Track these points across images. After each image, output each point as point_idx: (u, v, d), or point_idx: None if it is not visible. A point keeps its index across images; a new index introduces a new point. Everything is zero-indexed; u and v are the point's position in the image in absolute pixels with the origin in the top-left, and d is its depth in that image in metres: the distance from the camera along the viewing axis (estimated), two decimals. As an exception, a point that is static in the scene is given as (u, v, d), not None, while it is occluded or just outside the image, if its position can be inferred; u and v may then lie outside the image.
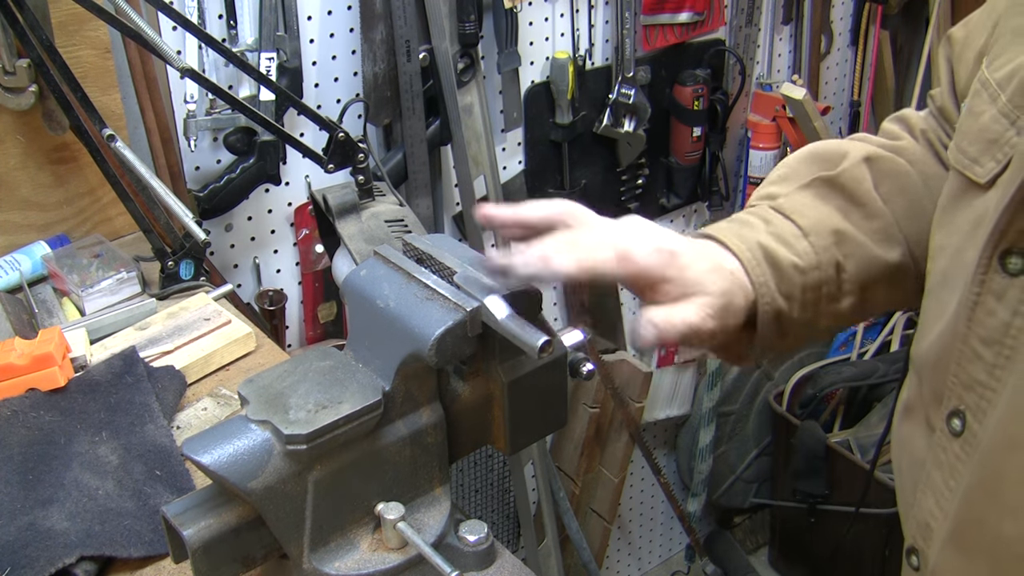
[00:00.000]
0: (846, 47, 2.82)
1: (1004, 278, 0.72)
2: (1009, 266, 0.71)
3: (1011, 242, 0.71)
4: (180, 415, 1.18)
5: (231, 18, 1.71)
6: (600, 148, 2.33)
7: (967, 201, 0.78)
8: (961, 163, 0.79)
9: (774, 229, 0.89)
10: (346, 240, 1.25)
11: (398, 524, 0.82)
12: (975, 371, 0.74)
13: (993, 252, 0.72)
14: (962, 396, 0.76)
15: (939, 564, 0.80)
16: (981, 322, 0.74)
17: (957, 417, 0.77)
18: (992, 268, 0.72)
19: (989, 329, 0.73)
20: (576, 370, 0.92)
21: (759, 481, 2.97)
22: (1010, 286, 0.71)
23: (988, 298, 0.73)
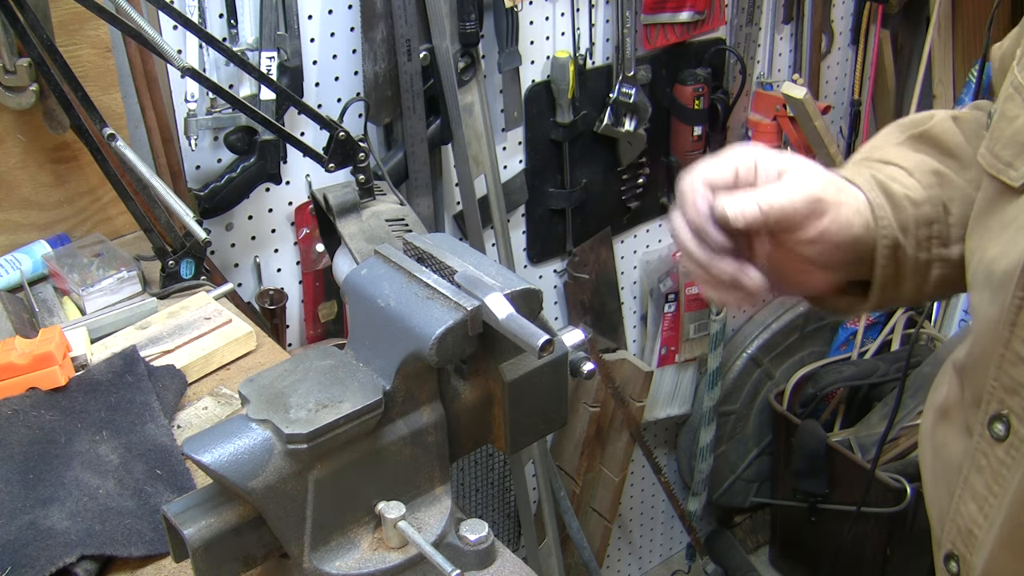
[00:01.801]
0: (847, 46, 2.82)
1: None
2: None
3: None
4: (181, 414, 1.18)
5: (232, 17, 1.71)
6: (601, 147, 2.33)
7: (1001, 206, 0.78)
8: (995, 167, 0.79)
9: (880, 170, 0.91)
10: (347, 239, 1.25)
11: (399, 523, 0.82)
12: (1019, 375, 0.74)
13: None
14: (1004, 400, 0.75)
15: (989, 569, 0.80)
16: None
17: (1000, 422, 0.76)
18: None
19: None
20: (577, 369, 0.92)
21: (760, 480, 2.97)
22: None
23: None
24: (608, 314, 2.54)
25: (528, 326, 0.77)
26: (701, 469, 2.79)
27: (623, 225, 2.51)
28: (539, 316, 0.84)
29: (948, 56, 2.68)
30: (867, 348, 2.77)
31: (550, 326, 0.84)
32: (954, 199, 0.90)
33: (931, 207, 0.89)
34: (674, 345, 2.65)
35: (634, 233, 2.55)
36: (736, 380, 2.77)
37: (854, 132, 2.85)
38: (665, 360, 2.67)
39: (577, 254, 2.40)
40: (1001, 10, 2.56)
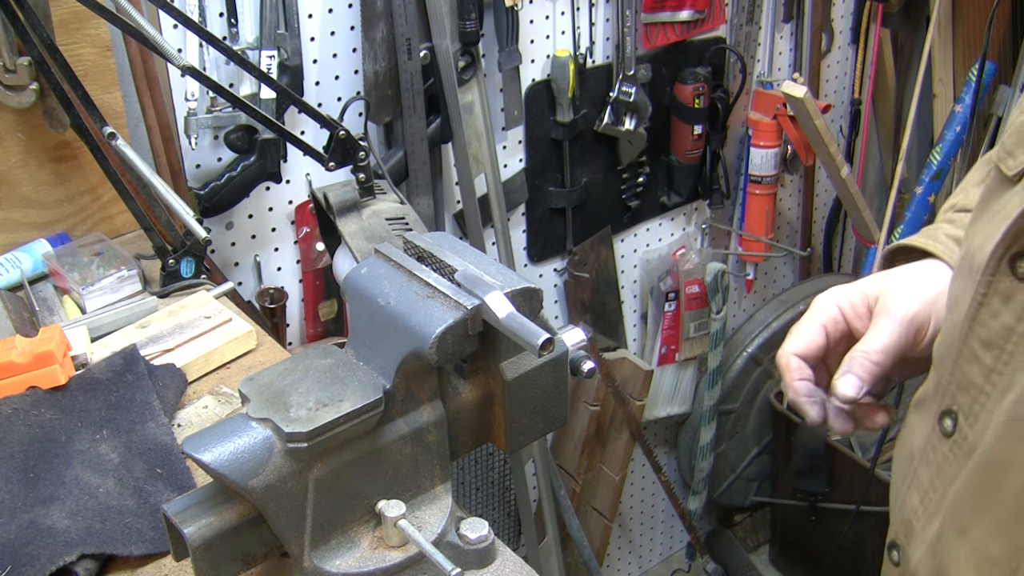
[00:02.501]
0: (847, 45, 2.82)
1: (1013, 281, 0.70)
2: (1019, 270, 0.69)
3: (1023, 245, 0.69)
4: (181, 413, 1.18)
5: (232, 16, 1.71)
6: (601, 146, 2.33)
7: (997, 195, 0.76)
8: (999, 155, 0.77)
9: (960, 223, 0.90)
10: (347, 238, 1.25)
11: (399, 522, 0.82)
12: (971, 372, 0.73)
13: (1004, 253, 0.70)
14: (955, 396, 0.75)
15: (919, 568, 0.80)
16: (984, 323, 0.72)
17: (949, 417, 0.76)
18: (1001, 270, 0.70)
19: (991, 331, 0.71)
20: (577, 368, 0.92)
21: (760, 479, 2.97)
22: (1018, 290, 0.69)
23: (994, 299, 0.71)
24: (608, 313, 2.54)
25: (528, 325, 0.77)
26: (701, 468, 2.79)
27: (623, 224, 2.51)
28: (539, 315, 0.84)
29: (948, 55, 2.68)
30: (867, 347, 2.76)
31: (550, 325, 0.84)
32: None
33: None
34: (674, 344, 2.65)
35: (634, 232, 2.55)
36: (736, 379, 2.77)
37: (854, 131, 2.85)
38: (665, 359, 2.67)
39: (577, 253, 2.40)
40: (1001, 10, 2.56)
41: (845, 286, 0.91)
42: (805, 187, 2.90)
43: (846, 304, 0.90)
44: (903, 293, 0.87)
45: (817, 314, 0.91)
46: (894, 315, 0.85)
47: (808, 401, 0.89)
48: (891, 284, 0.88)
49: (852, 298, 0.90)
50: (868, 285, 0.90)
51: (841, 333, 0.90)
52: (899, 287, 0.87)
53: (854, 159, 2.87)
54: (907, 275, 0.89)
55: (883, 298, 0.87)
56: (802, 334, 0.90)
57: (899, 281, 0.88)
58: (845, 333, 0.89)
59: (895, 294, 0.87)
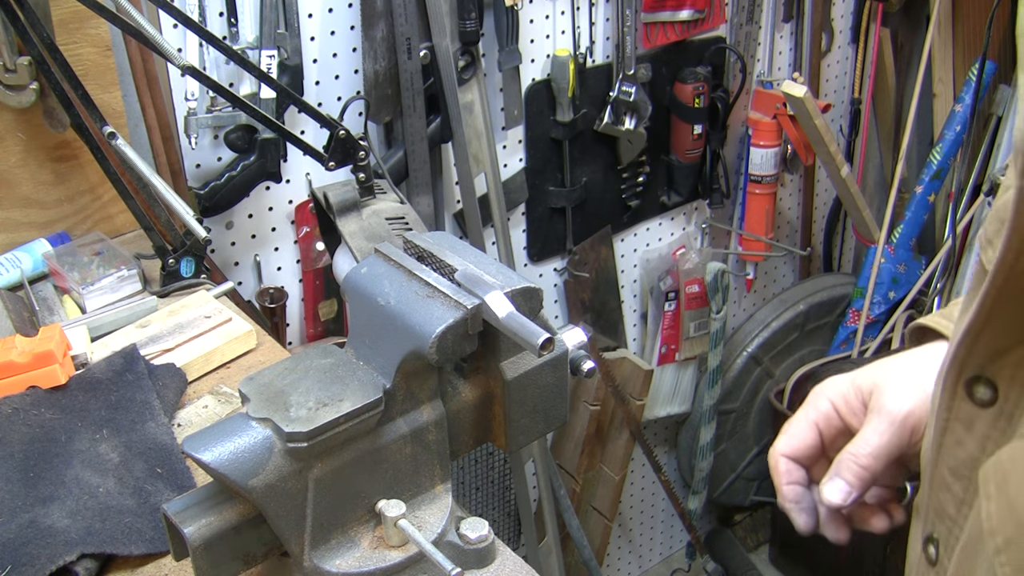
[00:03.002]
0: (847, 45, 2.82)
1: (972, 407, 0.63)
2: (977, 394, 0.62)
3: (976, 370, 0.62)
4: (181, 413, 1.18)
5: (232, 16, 1.71)
6: (601, 146, 2.33)
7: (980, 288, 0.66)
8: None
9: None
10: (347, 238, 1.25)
11: (399, 522, 0.82)
12: (945, 501, 0.67)
13: (958, 377, 0.63)
14: (935, 524, 0.70)
15: None
16: (950, 450, 0.66)
17: (932, 544, 0.70)
18: (959, 395, 0.63)
19: (957, 460, 0.65)
20: (577, 368, 0.92)
21: (760, 479, 2.97)
22: (978, 416, 0.62)
23: (957, 426, 0.64)
24: (608, 312, 2.54)
25: (528, 324, 0.77)
26: (701, 467, 2.79)
27: (623, 223, 2.51)
28: (539, 315, 0.84)
29: (948, 55, 2.68)
30: (867, 347, 2.76)
31: (550, 325, 0.84)
32: None
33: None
34: (674, 343, 2.65)
35: (634, 231, 2.55)
36: (736, 378, 2.77)
37: (854, 131, 2.85)
38: (665, 358, 2.67)
39: (577, 252, 2.40)
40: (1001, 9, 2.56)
41: (840, 378, 0.85)
42: (805, 187, 2.90)
43: (839, 399, 0.84)
44: (898, 388, 0.80)
45: (809, 411, 0.85)
46: (886, 414, 0.79)
47: (796, 508, 0.84)
48: (887, 377, 0.82)
49: (845, 392, 0.84)
50: (863, 377, 0.83)
51: (837, 429, 0.84)
52: (895, 380, 0.81)
53: (854, 159, 2.87)
54: (906, 365, 0.82)
55: (877, 393, 0.81)
56: (792, 433, 0.85)
57: (896, 373, 0.82)
58: (841, 429, 0.84)
59: (890, 389, 0.80)
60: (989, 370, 0.61)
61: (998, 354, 0.60)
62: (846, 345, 2.80)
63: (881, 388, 0.81)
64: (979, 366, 0.62)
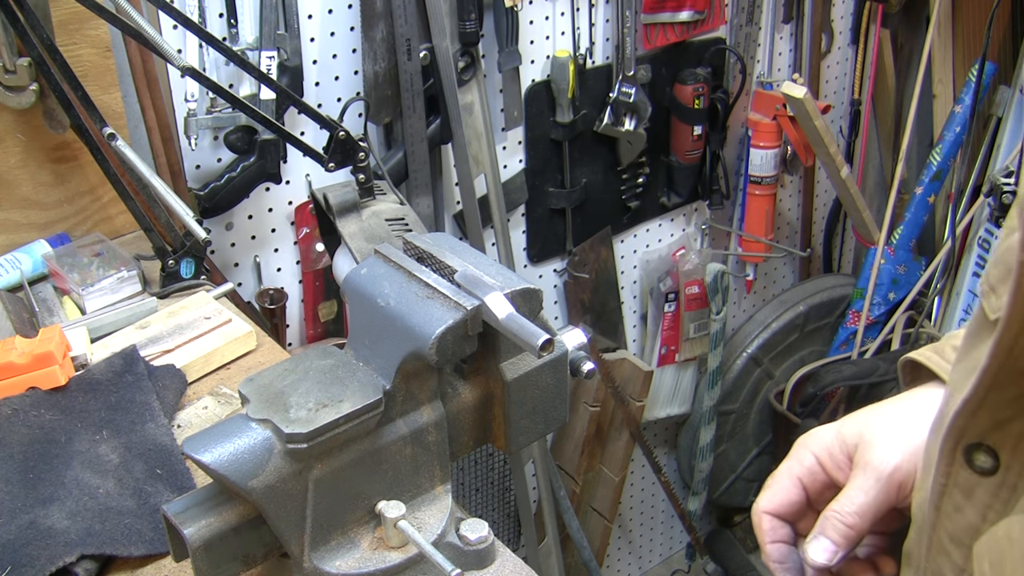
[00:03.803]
0: (847, 46, 2.82)
1: (971, 475, 0.60)
2: (977, 462, 0.60)
3: (976, 438, 0.59)
4: (181, 414, 1.18)
5: (232, 17, 1.71)
6: (601, 147, 2.33)
7: (982, 337, 0.63)
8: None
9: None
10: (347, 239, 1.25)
11: (399, 523, 0.82)
12: (943, 567, 0.65)
13: (956, 444, 0.60)
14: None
15: None
16: (949, 516, 0.63)
17: None
18: (957, 462, 0.61)
19: (957, 527, 0.62)
20: (576, 369, 0.92)
21: (760, 480, 2.96)
22: (979, 484, 0.60)
23: (955, 492, 0.62)
24: (608, 313, 2.54)
25: (528, 325, 0.77)
26: (701, 468, 2.79)
27: (623, 224, 2.51)
28: (539, 315, 0.84)
29: (948, 56, 2.68)
30: (867, 347, 2.76)
31: (550, 326, 0.84)
32: None
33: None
34: (674, 344, 2.65)
35: (634, 232, 2.55)
36: (736, 379, 2.77)
37: (854, 132, 2.85)
38: (665, 359, 2.67)
39: (577, 253, 2.40)
40: (1001, 10, 2.56)
41: (825, 430, 0.82)
42: (805, 187, 2.90)
43: (824, 452, 0.81)
44: (885, 442, 0.77)
45: (792, 464, 0.82)
46: (872, 470, 0.76)
47: (781, 568, 0.81)
48: (873, 429, 0.79)
49: (830, 445, 0.81)
50: (848, 428, 0.81)
51: (822, 484, 0.81)
52: (882, 433, 0.78)
53: (854, 159, 2.87)
54: (894, 416, 0.80)
55: (863, 447, 0.78)
56: (776, 489, 0.82)
57: (883, 425, 0.79)
58: (827, 483, 0.81)
59: (877, 443, 0.77)
60: (990, 438, 0.59)
61: (1000, 424, 0.58)
62: (846, 346, 2.80)
63: (867, 442, 0.78)
64: (980, 434, 0.59)
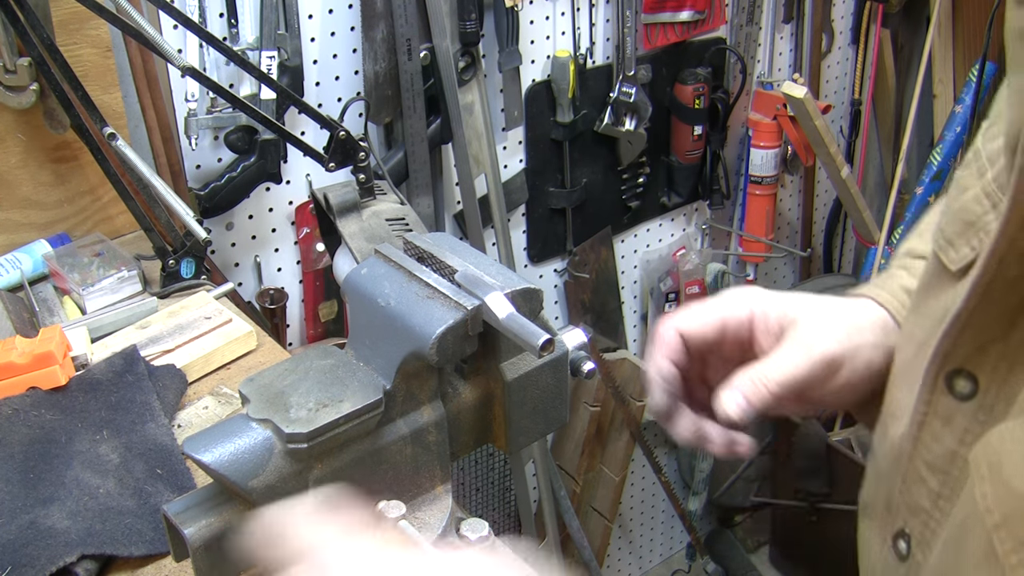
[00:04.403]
0: (847, 46, 2.82)
1: (951, 400, 0.62)
2: (957, 388, 0.62)
3: (958, 363, 0.61)
4: (181, 414, 1.18)
5: (232, 16, 1.71)
6: (601, 147, 2.33)
7: (939, 288, 0.67)
8: (938, 243, 0.68)
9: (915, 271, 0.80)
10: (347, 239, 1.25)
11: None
12: (919, 495, 0.66)
13: (939, 372, 0.63)
14: (907, 519, 0.68)
15: None
16: (927, 445, 0.65)
17: (903, 539, 0.69)
18: (938, 389, 0.63)
19: (935, 455, 0.64)
20: (577, 369, 0.92)
21: (760, 480, 2.96)
22: (958, 410, 0.62)
23: (934, 420, 0.64)
24: (608, 313, 2.54)
25: (528, 325, 0.77)
26: (701, 468, 2.79)
27: (623, 224, 2.51)
28: (539, 315, 0.84)
29: (948, 56, 2.68)
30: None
31: (550, 326, 0.84)
32: None
33: None
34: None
35: (634, 232, 2.55)
36: (736, 379, 2.77)
37: (854, 131, 2.85)
38: (665, 359, 2.67)
39: (577, 253, 2.40)
40: (1001, 10, 2.56)
41: (763, 292, 0.80)
42: (805, 187, 2.90)
43: (759, 312, 0.78)
44: (824, 328, 0.76)
45: (723, 306, 0.78)
46: (807, 348, 0.75)
47: (662, 387, 0.78)
48: (813, 313, 0.77)
49: (768, 309, 0.78)
50: (789, 303, 0.79)
51: (740, 340, 0.78)
52: (821, 320, 0.77)
53: (854, 159, 2.87)
54: (834, 310, 0.79)
55: (801, 325, 0.77)
56: (698, 316, 0.78)
57: (823, 313, 0.78)
58: (744, 342, 0.78)
59: (815, 326, 0.76)
60: (971, 363, 0.61)
61: (982, 347, 0.60)
62: (846, 346, 2.80)
63: (806, 321, 0.77)
64: (962, 359, 0.61)
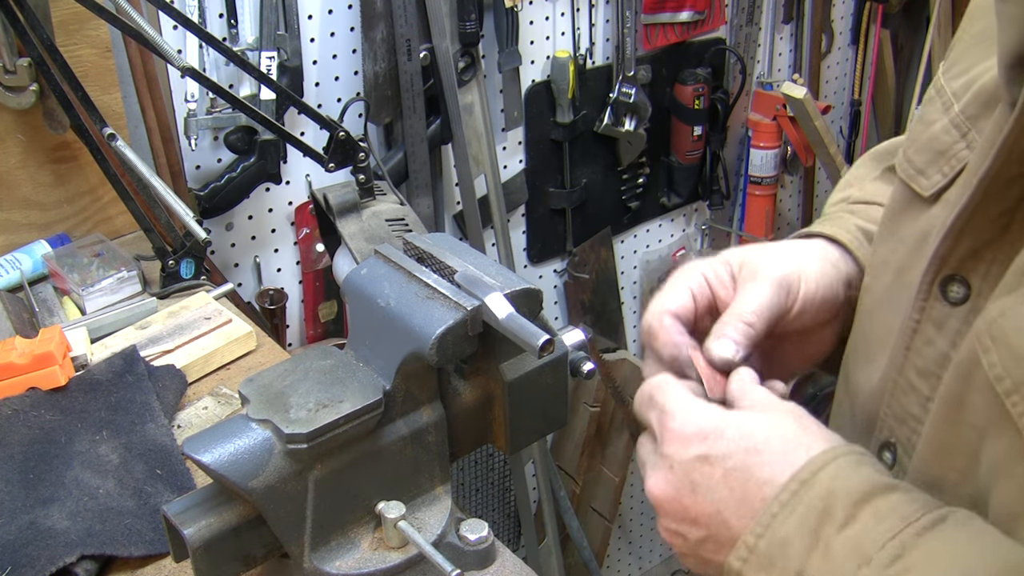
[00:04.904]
0: (847, 46, 2.82)
1: (945, 306, 0.66)
2: (950, 294, 0.66)
3: (953, 268, 0.66)
4: (181, 414, 1.18)
5: (232, 17, 1.71)
6: (601, 147, 2.33)
7: (912, 215, 0.73)
8: (907, 173, 0.74)
9: (863, 214, 0.87)
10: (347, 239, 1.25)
11: (399, 523, 0.82)
12: (908, 403, 0.70)
13: (934, 278, 0.67)
14: (894, 429, 0.72)
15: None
16: (919, 351, 0.69)
17: (888, 450, 0.72)
18: (933, 295, 0.67)
19: (927, 360, 0.68)
20: (577, 369, 0.92)
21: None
22: (950, 315, 0.66)
23: (928, 326, 0.68)
24: (608, 314, 2.54)
25: (528, 326, 0.77)
26: (701, 469, 2.79)
27: (623, 225, 2.51)
28: (539, 316, 0.84)
29: (948, 56, 2.68)
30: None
31: (550, 326, 0.84)
32: None
33: None
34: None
35: (634, 233, 2.55)
36: (736, 380, 2.77)
37: (854, 132, 2.85)
38: (665, 360, 2.67)
39: (577, 254, 2.40)
40: None
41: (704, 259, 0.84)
42: (805, 188, 2.90)
43: (710, 272, 0.82)
44: (770, 258, 0.81)
45: (682, 280, 0.82)
46: (763, 276, 0.79)
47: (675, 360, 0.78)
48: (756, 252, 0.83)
49: (715, 266, 0.82)
50: (730, 254, 0.83)
51: (707, 302, 0.82)
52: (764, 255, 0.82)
53: (854, 159, 2.86)
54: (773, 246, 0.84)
55: (748, 265, 0.81)
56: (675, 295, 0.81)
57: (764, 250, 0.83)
58: (710, 302, 0.82)
59: (761, 260, 0.81)
60: (965, 267, 0.65)
61: (976, 251, 0.64)
62: (846, 346, 2.80)
63: (752, 260, 0.81)
64: (956, 264, 0.65)
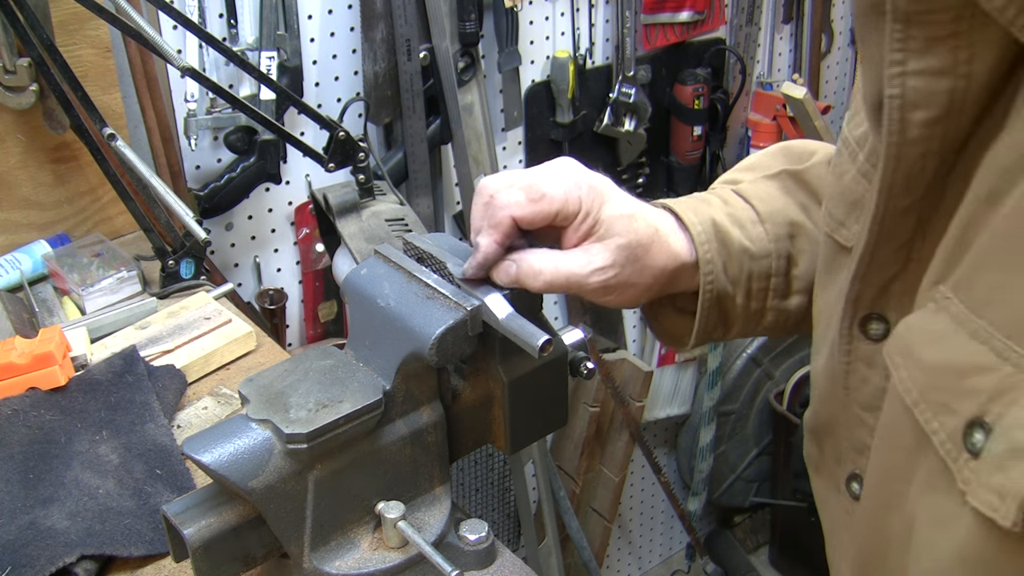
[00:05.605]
0: (847, 46, 2.82)
1: (869, 344, 0.69)
2: (871, 331, 0.68)
3: (867, 308, 0.68)
4: (180, 414, 1.18)
5: (231, 17, 1.71)
6: (601, 147, 2.33)
7: (839, 264, 0.75)
8: (830, 226, 0.75)
9: (731, 210, 0.88)
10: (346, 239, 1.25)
11: (398, 523, 0.82)
12: (862, 435, 0.72)
13: (852, 321, 0.69)
14: (855, 460, 0.73)
15: None
16: (858, 389, 0.71)
17: (855, 481, 0.74)
18: (855, 336, 0.69)
19: (865, 395, 0.70)
20: (576, 369, 0.92)
21: (759, 480, 2.97)
22: (876, 351, 0.68)
23: (859, 365, 0.70)
24: (608, 314, 2.54)
25: (528, 326, 0.77)
26: (701, 469, 2.79)
27: (623, 225, 2.50)
28: (539, 316, 0.84)
29: (948, 56, 2.68)
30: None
31: (550, 326, 0.84)
32: (804, 251, 0.88)
33: (773, 261, 0.87)
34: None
35: (634, 233, 2.55)
36: (736, 380, 2.77)
37: (854, 132, 2.85)
38: (665, 360, 2.67)
39: (577, 254, 2.40)
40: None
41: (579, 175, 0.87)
42: (805, 188, 2.90)
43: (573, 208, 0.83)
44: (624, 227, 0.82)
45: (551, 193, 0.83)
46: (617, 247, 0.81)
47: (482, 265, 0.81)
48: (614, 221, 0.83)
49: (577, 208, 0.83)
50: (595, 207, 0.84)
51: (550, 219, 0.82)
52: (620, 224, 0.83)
53: (854, 160, 2.87)
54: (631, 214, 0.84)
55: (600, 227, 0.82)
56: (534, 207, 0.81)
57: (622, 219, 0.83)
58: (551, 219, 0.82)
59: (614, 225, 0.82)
60: (879, 305, 0.67)
61: (885, 287, 0.66)
62: (846, 346, 2.80)
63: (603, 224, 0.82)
64: (870, 303, 0.67)
